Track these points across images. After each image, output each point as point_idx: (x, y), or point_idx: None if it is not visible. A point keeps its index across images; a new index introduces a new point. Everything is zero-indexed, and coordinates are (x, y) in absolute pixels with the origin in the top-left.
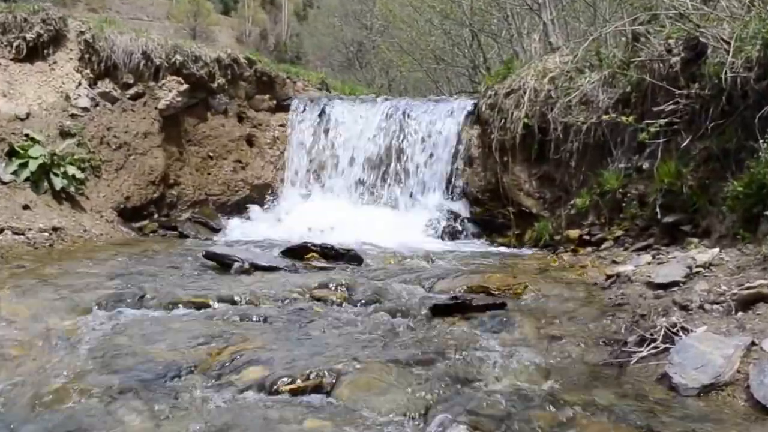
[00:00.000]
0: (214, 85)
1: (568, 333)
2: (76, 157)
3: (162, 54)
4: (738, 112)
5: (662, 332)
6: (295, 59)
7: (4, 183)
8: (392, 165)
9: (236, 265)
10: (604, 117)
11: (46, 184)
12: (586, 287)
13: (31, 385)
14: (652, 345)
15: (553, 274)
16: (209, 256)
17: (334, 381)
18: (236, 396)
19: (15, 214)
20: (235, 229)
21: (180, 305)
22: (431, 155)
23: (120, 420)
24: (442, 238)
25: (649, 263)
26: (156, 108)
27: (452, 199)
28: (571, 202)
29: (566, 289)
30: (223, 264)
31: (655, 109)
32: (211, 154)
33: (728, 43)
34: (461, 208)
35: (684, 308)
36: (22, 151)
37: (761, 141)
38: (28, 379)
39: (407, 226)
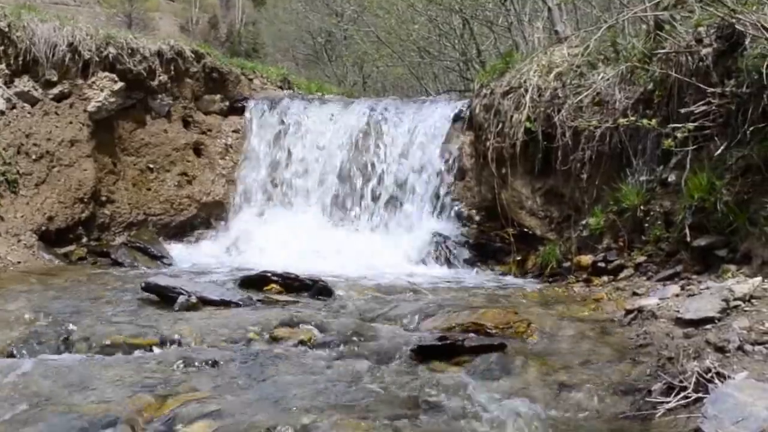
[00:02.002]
0: (155, 83)
1: (580, 380)
2: None
3: (92, 46)
4: None
5: (694, 379)
6: (251, 52)
7: None
8: (368, 179)
9: (181, 299)
10: (622, 120)
11: None
12: (602, 324)
13: None
14: (682, 394)
15: (562, 309)
16: (149, 288)
17: None
18: None
19: None
20: (179, 255)
21: (113, 347)
22: (415, 167)
23: None
24: (429, 266)
25: (676, 295)
26: (85, 110)
27: (441, 218)
28: (583, 221)
29: (578, 327)
30: (165, 298)
31: (682, 110)
32: (151, 166)
33: None
34: (451, 229)
35: (720, 350)
36: None
37: None
38: None
39: (387, 252)
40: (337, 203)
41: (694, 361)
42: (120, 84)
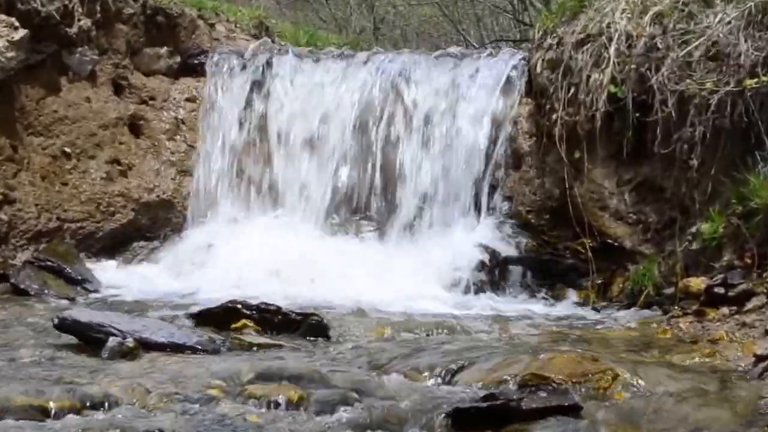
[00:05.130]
0: (72, 30)
1: None
2: None
3: None
4: None
5: None
6: None
7: None
8: (381, 168)
9: (112, 341)
10: (749, 82)
11: None
12: (721, 377)
13: None
14: None
15: (662, 355)
16: (65, 326)
17: None
18: None
19: None
20: (110, 279)
21: (9, 414)
22: (449, 152)
23: None
24: (470, 292)
25: None
26: None
27: (486, 224)
28: (692, 228)
29: (685, 381)
30: (89, 340)
31: None
32: (67, 150)
33: None
34: (502, 239)
35: None
36: None
37: None
38: None
39: (408, 272)
40: (337, 203)
41: None
42: (22, 32)
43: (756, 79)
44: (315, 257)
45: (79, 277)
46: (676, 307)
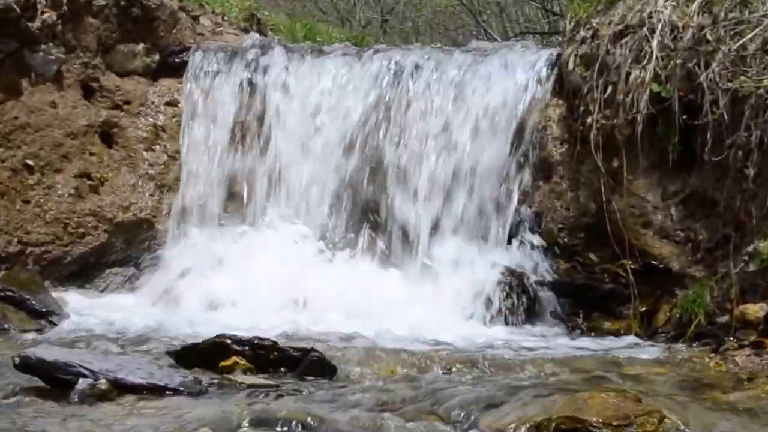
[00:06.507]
0: (35, 24)
1: None
2: None
3: None
4: None
5: None
6: None
7: None
8: (391, 182)
9: (82, 383)
10: None
11: None
12: None
13: None
14: None
15: (717, 394)
16: (27, 365)
17: None
18: None
19: None
20: (80, 310)
21: None
22: (468, 161)
23: None
24: (494, 323)
25: None
26: None
27: (511, 244)
28: (749, 248)
29: (744, 425)
30: (55, 381)
31: None
32: (29, 163)
33: None
34: (530, 261)
35: None
36: None
37: None
38: None
39: (421, 299)
40: (340, 220)
41: None
42: None
43: None
44: (314, 282)
45: (44, 309)
46: (731, 338)
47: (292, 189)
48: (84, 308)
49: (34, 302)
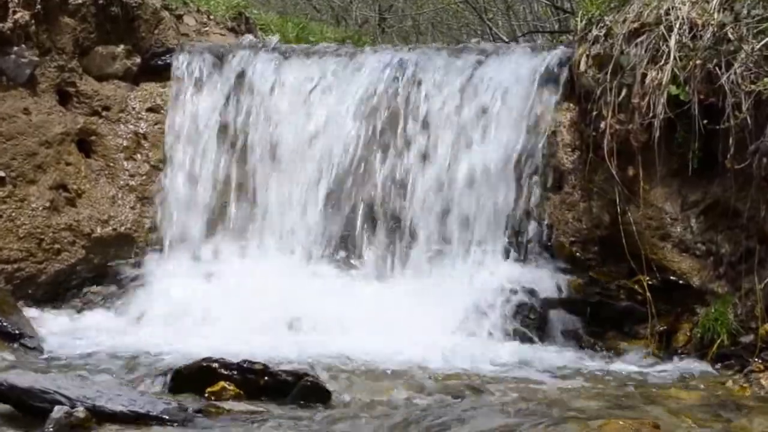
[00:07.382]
0: (6, 25)
1: None
2: None
3: None
4: None
5: None
6: None
7: None
8: (389, 192)
9: (58, 411)
10: None
11: None
12: None
13: None
14: None
15: (742, 422)
16: (0, 393)
17: None
18: None
19: None
20: (56, 332)
21: None
22: (473, 170)
23: None
24: (501, 343)
25: None
26: None
27: (520, 258)
28: None
29: None
30: (30, 410)
31: None
32: (1, 174)
33: None
34: (540, 277)
35: None
36: None
37: None
38: None
39: (421, 317)
40: (334, 234)
41: None
42: None
43: None
44: (305, 302)
45: (17, 332)
46: (757, 360)
47: (282, 200)
48: (60, 330)
49: (6, 324)
